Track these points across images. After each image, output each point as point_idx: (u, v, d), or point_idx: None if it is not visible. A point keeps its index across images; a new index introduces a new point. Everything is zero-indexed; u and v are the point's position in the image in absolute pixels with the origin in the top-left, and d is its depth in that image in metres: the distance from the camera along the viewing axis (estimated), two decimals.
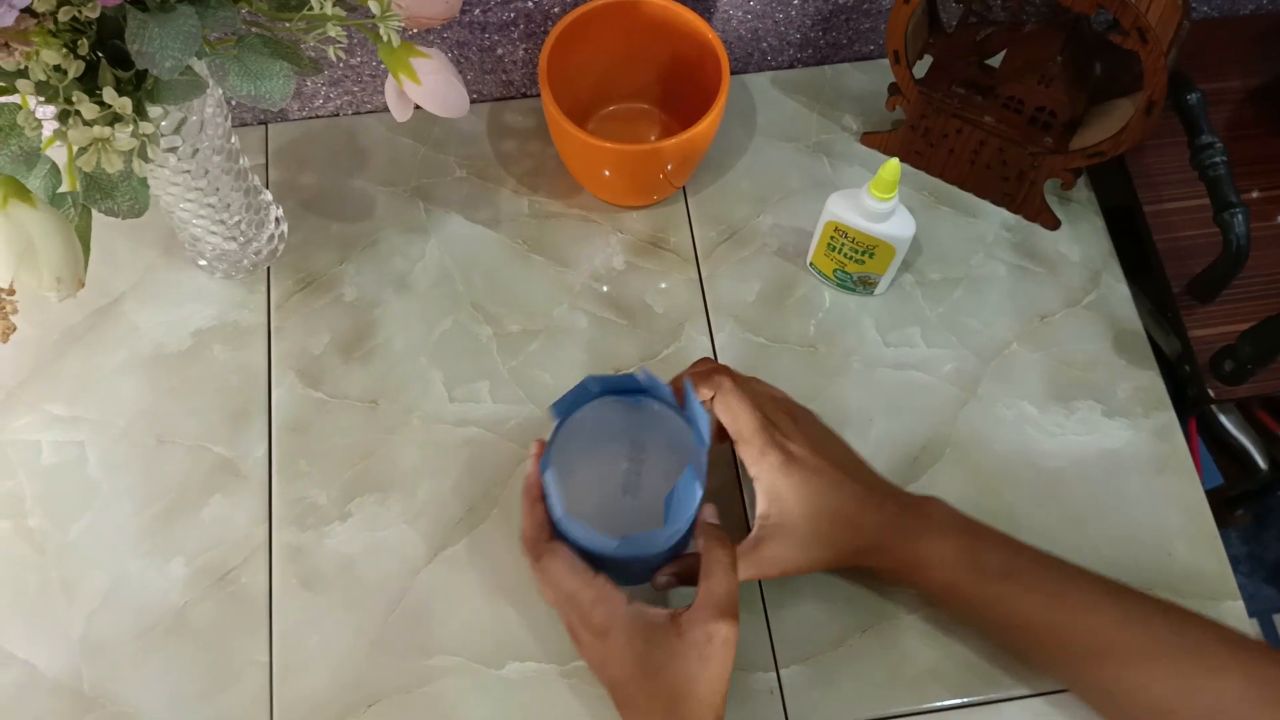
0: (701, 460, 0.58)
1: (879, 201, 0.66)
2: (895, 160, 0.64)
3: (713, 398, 0.60)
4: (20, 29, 0.45)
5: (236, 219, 0.69)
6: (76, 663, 0.64)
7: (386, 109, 0.80)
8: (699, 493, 0.57)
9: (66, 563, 0.66)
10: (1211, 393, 0.71)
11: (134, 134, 0.48)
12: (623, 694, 0.56)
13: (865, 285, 0.74)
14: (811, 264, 0.75)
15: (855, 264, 0.71)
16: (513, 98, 0.82)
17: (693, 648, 0.53)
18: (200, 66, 0.55)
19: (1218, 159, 0.69)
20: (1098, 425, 0.71)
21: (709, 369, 0.62)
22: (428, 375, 0.72)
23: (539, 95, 0.82)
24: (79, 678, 0.63)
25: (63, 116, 0.48)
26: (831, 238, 0.70)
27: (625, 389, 0.60)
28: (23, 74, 0.48)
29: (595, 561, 0.57)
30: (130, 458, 0.69)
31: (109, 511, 0.67)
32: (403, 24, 0.53)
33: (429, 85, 0.56)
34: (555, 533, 0.58)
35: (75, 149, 0.48)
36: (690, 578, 0.58)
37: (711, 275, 0.76)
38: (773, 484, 0.59)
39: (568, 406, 0.60)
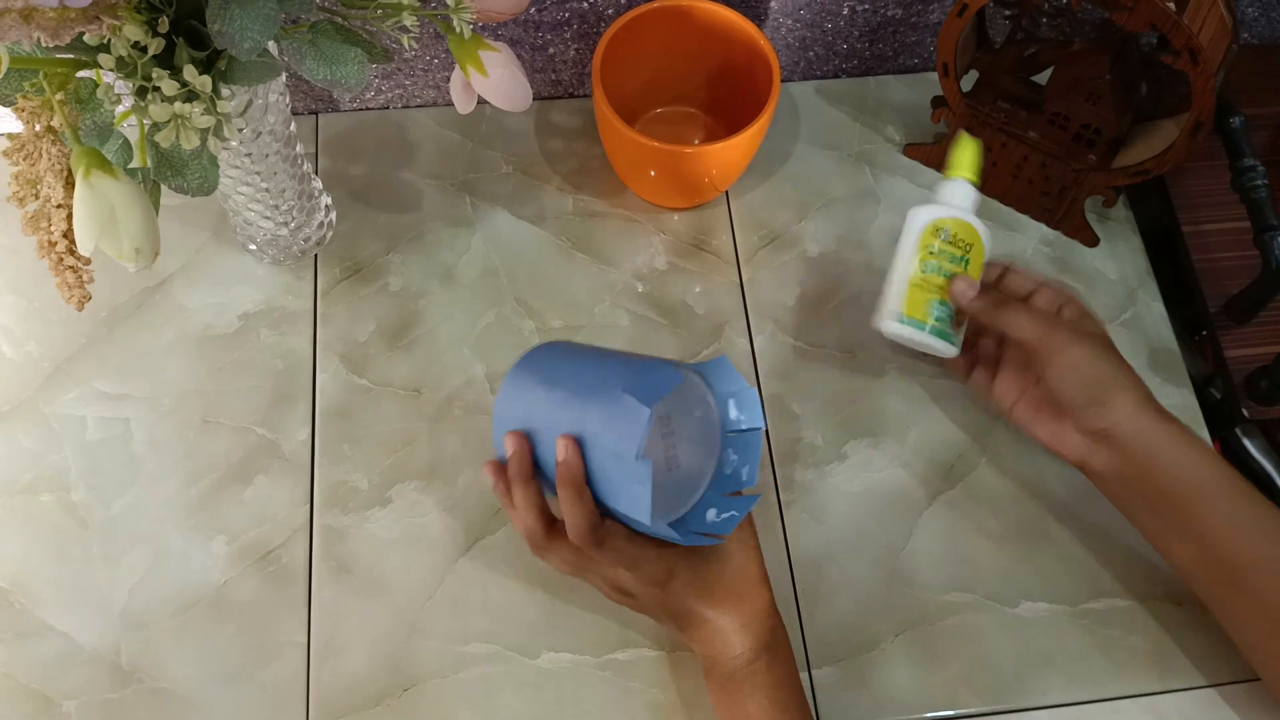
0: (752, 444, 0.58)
1: (969, 184, 0.65)
2: (975, 141, 0.63)
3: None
4: (110, 2, 0.46)
5: (289, 205, 0.70)
6: (116, 636, 0.64)
7: (436, 104, 0.82)
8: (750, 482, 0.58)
9: (109, 538, 0.67)
10: (1246, 412, 0.72)
11: (208, 112, 0.49)
12: (695, 618, 0.58)
13: (958, 324, 0.67)
14: (905, 316, 0.66)
15: (955, 267, 0.65)
16: (560, 97, 0.83)
17: (732, 541, 0.59)
18: (273, 50, 0.56)
19: (1259, 181, 0.70)
20: None
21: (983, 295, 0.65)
22: (470, 367, 0.73)
23: (587, 95, 0.83)
24: (118, 651, 0.64)
25: (140, 93, 0.49)
26: (929, 251, 0.65)
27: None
28: (103, 49, 0.49)
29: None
30: (175, 436, 0.70)
31: (153, 488, 0.68)
32: (474, 16, 0.54)
33: (495, 78, 0.57)
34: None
35: (151, 125, 0.49)
36: None
37: (752, 279, 0.77)
38: (1064, 364, 0.62)
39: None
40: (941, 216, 0.66)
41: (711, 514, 0.58)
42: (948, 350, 0.66)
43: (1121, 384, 0.62)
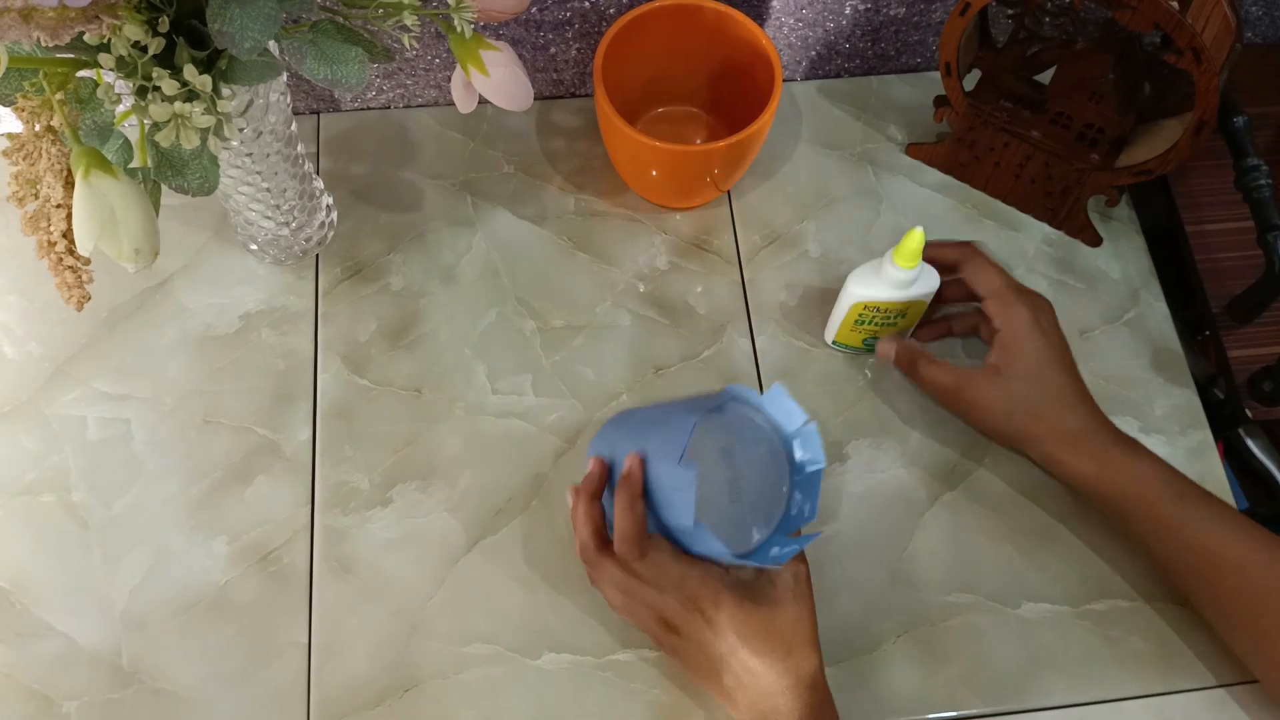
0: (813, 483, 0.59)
1: (905, 270, 0.65)
2: (919, 230, 0.63)
3: (957, 263, 0.68)
4: (110, 2, 0.45)
5: (290, 205, 0.70)
6: (117, 637, 0.64)
7: (437, 103, 0.82)
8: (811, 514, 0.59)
9: (109, 538, 0.67)
10: (1249, 413, 0.72)
11: (208, 111, 0.49)
12: (739, 666, 0.56)
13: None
14: (835, 342, 0.74)
15: (888, 327, 0.71)
16: (561, 96, 0.83)
17: (787, 591, 0.57)
18: (274, 49, 0.56)
19: (1263, 181, 0.70)
20: None
21: (956, 242, 0.69)
22: (471, 367, 0.73)
23: (588, 95, 0.83)
24: (118, 652, 0.64)
25: (141, 92, 0.49)
26: (859, 315, 0.69)
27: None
28: (103, 48, 0.49)
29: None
30: (176, 436, 0.69)
31: (153, 488, 0.68)
32: (475, 15, 0.54)
33: (496, 78, 0.57)
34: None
35: (151, 125, 0.48)
36: None
37: (754, 278, 0.77)
38: (1015, 334, 0.65)
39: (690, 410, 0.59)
40: (874, 299, 0.67)
41: (775, 551, 0.57)
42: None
43: (1031, 434, 0.65)
